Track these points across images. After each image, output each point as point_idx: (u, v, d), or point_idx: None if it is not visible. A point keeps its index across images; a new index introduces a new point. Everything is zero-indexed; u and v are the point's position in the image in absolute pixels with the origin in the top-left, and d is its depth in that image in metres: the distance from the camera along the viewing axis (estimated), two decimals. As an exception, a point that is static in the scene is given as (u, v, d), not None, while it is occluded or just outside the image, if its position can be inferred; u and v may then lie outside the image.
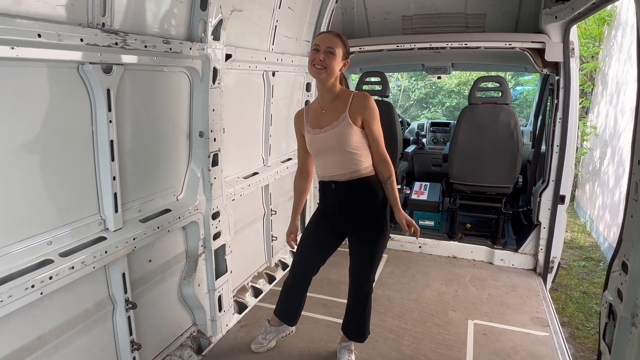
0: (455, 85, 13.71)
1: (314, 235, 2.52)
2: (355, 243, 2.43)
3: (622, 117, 6.24)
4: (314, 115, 2.36)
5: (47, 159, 1.80)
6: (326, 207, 2.45)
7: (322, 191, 2.43)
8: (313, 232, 2.53)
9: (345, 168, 2.28)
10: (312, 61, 2.20)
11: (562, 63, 3.60)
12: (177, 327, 2.74)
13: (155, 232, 2.33)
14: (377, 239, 2.37)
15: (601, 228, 6.41)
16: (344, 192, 2.32)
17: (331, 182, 2.34)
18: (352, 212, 2.36)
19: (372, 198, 2.32)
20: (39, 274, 1.70)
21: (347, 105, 2.25)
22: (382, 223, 2.36)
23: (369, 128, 2.27)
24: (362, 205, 2.33)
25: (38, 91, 1.72)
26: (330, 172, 2.33)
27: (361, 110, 2.24)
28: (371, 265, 2.42)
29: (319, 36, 2.26)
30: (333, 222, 2.44)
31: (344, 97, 2.29)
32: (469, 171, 4.23)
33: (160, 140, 2.44)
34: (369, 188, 2.31)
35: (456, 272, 4.02)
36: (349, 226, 2.42)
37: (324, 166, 2.35)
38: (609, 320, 1.91)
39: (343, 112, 2.25)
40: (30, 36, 1.54)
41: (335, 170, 2.30)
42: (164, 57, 2.24)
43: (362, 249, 2.39)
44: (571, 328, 4.35)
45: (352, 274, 2.49)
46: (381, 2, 4.40)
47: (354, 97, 2.27)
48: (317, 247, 2.52)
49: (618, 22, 7.00)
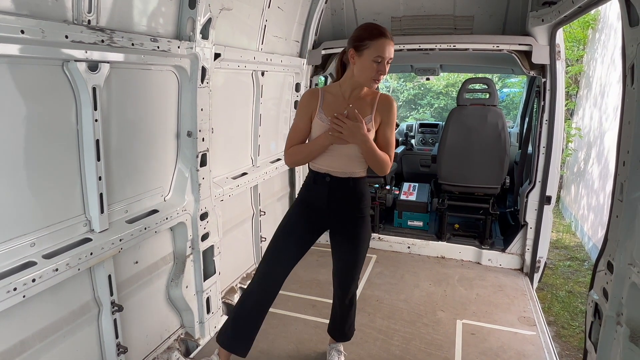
0: (443, 86, 13.83)
1: (295, 229, 2.30)
2: (341, 244, 2.33)
3: (606, 119, 6.36)
4: (334, 103, 2.15)
5: (31, 159, 1.75)
6: (313, 198, 2.26)
7: (312, 181, 2.26)
8: (294, 225, 2.31)
9: (349, 167, 2.18)
10: (374, 77, 2.03)
11: (549, 65, 3.65)
12: (165, 330, 2.71)
13: (142, 233, 2.29)
14: (364, 240, 2.31)
15: (586, 228, 6.52)
16: (337, 188, 2.20)
17: (326, 175, 2.19)
18: (340, 210, 2.25)
19: (363, 199, 2.27)
20: (21, 276, 1.65)
21: (374, 107, 2.15)
22: (368, 223, 2.31)
23: (385, 130, 2.18)
24: (352, 204, 2.25)
25: (21, 89, 1.67)
26: (331, 166, 2.18)
27: (385, 113, 2.16)
28: (358, 266, 2.36)
29: (381, 41, 1.99)
30: (315, 216, 2.28)
31: (371, 96, 2.18)
32: (457, 172, 4.26)
33: (147, 139, 2.40)
34: (361, 188, 2.25)
35: (445, 272, 4.04)
36: (333, 223, 2.30)
37: (326, 159, 2.18)
38: (595, 319, 1.94)
39: (369, 112, 2.14)
40: (13, 32, 1.50)
41: (338, 166, 2.18)
42: (151, 55, 2.21)
43: (349, 250, 2.31)
44: (557, 327, 4.41)
45: (339, 276, 2.42)
46: (370, 3, 4.41)
47: (381, 98, 2.17)
48: (296, 242, 2.30)
49: (602, 25, 7.14)
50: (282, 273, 2.29)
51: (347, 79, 2.15)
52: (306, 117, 2.17)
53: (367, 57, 2.00)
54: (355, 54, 2.04)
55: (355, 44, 2.03)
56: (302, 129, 2.20)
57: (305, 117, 2.17)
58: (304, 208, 2.31)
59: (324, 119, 2.13)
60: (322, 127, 2.12)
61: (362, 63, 2.03)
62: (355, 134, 2.04)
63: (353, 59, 2.06)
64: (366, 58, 2.01)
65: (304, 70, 4.23)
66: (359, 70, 2.05)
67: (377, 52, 1.98)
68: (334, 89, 2.20)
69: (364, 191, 2.27)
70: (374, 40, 1.98)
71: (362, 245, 2.31)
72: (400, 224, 4.73)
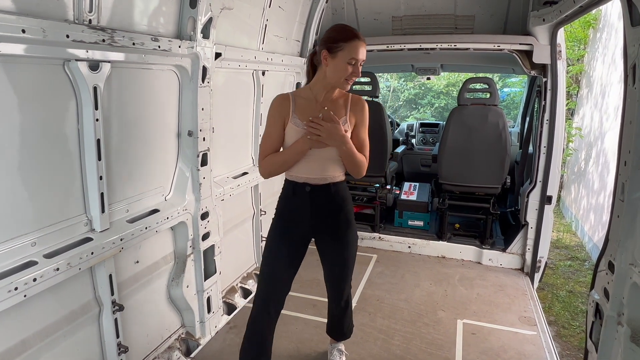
0: (444, 86, 13.81)
1: (282, 249, 2.19)
2: (329, 249, 2.27)
3: (607, 119, 6.35)
4: (306, 107, 2.08)
5: (32, 158, 1.75)
6: (294, 211, 2.17)
7: (291, 192, 2.15)
8: (280, 245, 2.20)
9: (327, 171, 2.11)
10: (347, 77, 2.00)
11: (550, 65, 3.64)
12: (165, 329, 2.71)
13: (142, 233, 2.29)
14: (352, 245, 2.26)
15: (586, 228, 6.51)
16: (318, 196, 2.12)
17: (305, 184, 2.11)
18: (324, 218, 2.17)
19: (345, 203, 2.20)
20: (22, 276, 1.66)
21: (347, 108, 2.13)
22: (354, 226, 2.26)
23: (359, 131, 2.16)
24: (336, 210, 2.18)
25: (22, 88, 1.67)
26: (309, 173, 2.10)
27: (359, 114, 2.15)
28: (349, 268, 2.32)
29: (355, 43, 1.96)
30: (300, 230, 2.19)
31: (343, 97, 2.15)
32: (458, 172, 4.26)
33: (148, 139, 2.40)
34: (343, 192, 2.19)
35: (445, 272, 4.04)
36: (319, 232, 2.22)
37: (303, 166, 2.09)
38: (596, 319, 1.94)
39: (344, 113, 2.11)
40: (14, 32, 1.50)
41: (316, 172, 2.10)
42: (152, 54, 2.21)
43: (338, 254, 2.26)
44: (557, 327, 4.41)
45: (331, 281, 2.37)
46: (371, 3, 4.41)
47: (353, 99, 2.16)
48: (289, 262, 2.22)
49: (603, 24, 7.13)
50: (282, 293, 2.25)
51: (318, 81, 2.09)
52: (279, 123, 2.08)
53: (341, 59, 1.97)
54: (329, 55, 1.99)
55: (328, 46, 1.98)
56: (275, 136, 2.09)
57: (278, 123, 2.08)
58: (285, 226, 2.20)
59: (299, 123, 2.04)
60: (298, 132, 2.04)
61: (335, 65, 1.98)
62: (334, 135, 1.99)
63: (326, 61, 2.00)
64: (340, 60, 1.97)
65: (304, 69, 4.23)
66: (332, 72, 2.01)
67: (351, 54, 1.95)
68: (304, 93, 2.13)
69: (346, 195, 2.21)
70: (348, 42, 1.95)
71: (351, 250, 2.27)
72: (401, 223, 4.73)
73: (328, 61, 2.00)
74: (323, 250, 2.30)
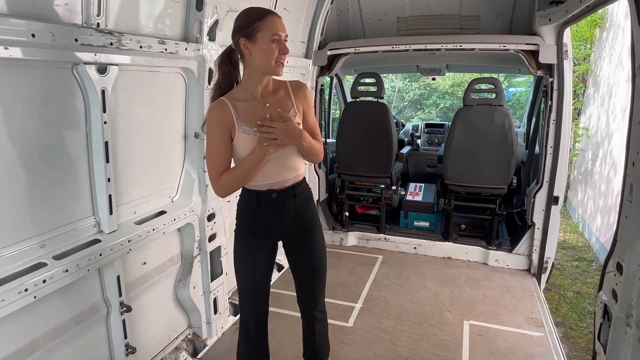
0: (449, 86, 13.78)
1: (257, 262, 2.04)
2: (298, 251, 2.09)
3: (614, 119, 6.31)
4: (250, 110, 1.85)
5: (41, 161, 1.77)
6: (260, 220, 1.98)
7: (255, 202, 1.95)
8: (255, 259, 2.03)
9: (291, 171, 1.95)
10: (277, 59, 1.79)
11: (556, 65, 3.62)
12: (172, 330, 2.72)
13: (150, 234, 2.31)
14: (320, 242, 2.11)
15: (593, 229, 6.47)
16: (285, 201, 1.95)
17: (270, 191, 1.92)
18: (292, 219, 2.00)
19: (310, 201, 2.07)
20: (32, 277, 1.68)
21: (291, 97, 1.94)
22: (319, 222, 2.14)
23: (308, 117, 2.00)
24: (302, 212, 2.02)
25: (31, 91, 1.70)
26: (272, 178, 1.91)
27: (304, 100, 1.97)
28: (323, 274, 2.15)
29: (270, 19, 1.77)
30: (269, 237, 2.03)
31: (282, 87, 1.95)
32: (464, 172, 4.24)
33: (155, 141, 2.42)
34: (306, 191, 2.06)
35: (451, 272, 4.03)
36: (285, 235, 2.05)
37: (266, 172, 1.89)
38: (604, 321, 1.92)
39: (291, 104, 1.93)
40: (24, 36, 1.52)
41: (278, 176, 1.92)
42: (159, 57, 2.23)
43: (310, 259, 2.08)
44: (565, 328, 4.38)
45: (305, 291, 2.15)
46: (376, 4, 4.41)
47: (292, 85, 1.96)
48: (265, 272, 2.09)
49: (610, 24, 7.08)
50: (266, 302, 2.13)
51: (249, 77, 1.87)
52: (225, 136, 1.83)
53: (263, 40, 1.76)
54: (248, 42, 1.77)
55: (244, 32, 1.77)
56: (224, 151, 1.85)
57: (224, 136, 1.83)
58: (254, 237, 2.01)
59: (248, 130, 1.83)
60: (249, 140, 1.83)
61: (260, 48, 1.77)
62: (290, 134, 1.82)
63: (248, 49, 1.78)
64: (262, 42, 1.76)
65: (309, 71, 4.25)
66: (260, 58, 1.79)
67: (271, 31, 1.75)
68: (240, 94, 1.87)
69: (309, 193, 2.08)
70: (262, 20, 1.76)
71: (321, 248, 2.12)
72: (407, 224, 4.72)
73: (250, 48, 1.78)
74: (293, 254, 2.12)
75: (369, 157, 4.46)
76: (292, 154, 1.93)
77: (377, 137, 4.39)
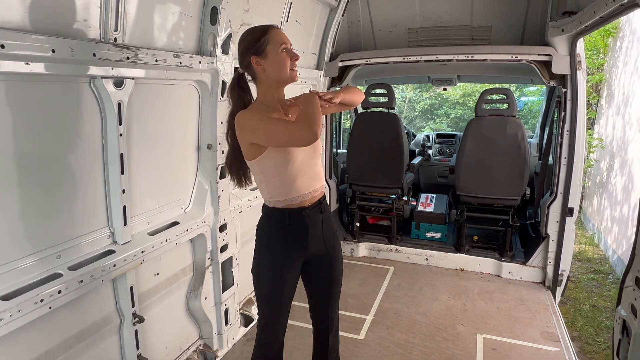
0: (460, 96, 13.73)
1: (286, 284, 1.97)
2: (319, 274, 2.05)
3: (630, 129, 6.21)
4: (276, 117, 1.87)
5: (58, 173, 1.81)
6: (289, 241, 1.92)
7: (287, 221, 1.90)
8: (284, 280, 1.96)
9: (318, 180, 1.96)
10: (291, 65, 1.84)
11: (569, 75, 3.59)
12: (184, 341, 2.72)
13: (163, 245, 2.33)
14: (340, 262, 2.10)
15: (609, 241, 6.34)
16: (314, 218, 1.94)
17: (302, 209, 1.89)
18: (318, 239, 1.98)
19: (332, 217, 2.06)
20: (48, 288, 1.70)
21: None
22: (339, 243, 2.13)
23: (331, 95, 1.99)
24: (328, 227, 2.01)
25: (50, 105, 1.73)
26: (305, 189, 1.89)
27: None
28: (339, 291, 2.12)
29: (274, 31, 1.84)
30: (297, 257, 1.96)
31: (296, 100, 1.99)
32: (476, 183, 4.21)
33: (169, 152, 2.45)
34: (328, 208, 2.04)
35: (464, 285, 3.98)
36: (312, 254, 1.99)
37: (296, 182, 1.87)
38: (623, 337, 1.88)
39: None
40: (44, 51, 1.56)
41: (310, 185, 1.91)
42: (173, 70, 2.26)
43: (329, 278, 2.06)
44: (581, 342, 4.28)
45: (320, 309, 2.12)
46: (387, 15, 4.44)
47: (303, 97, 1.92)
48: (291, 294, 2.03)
49: (624, 33, 7.01)
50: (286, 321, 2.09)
51: (266, 93, 1.89)
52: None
53: (274, 52, 1.81)
54: (260, 58, 1.82)
55: (253, 49, 1.82)
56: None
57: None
58: (282, 260, 1.93)
59: None
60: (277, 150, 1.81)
61: (272, 61, 1.82)
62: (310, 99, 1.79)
63: (260, 65, 1.83)
64: (273, 53, 1.81)
65: (321, 82, 4.27)
66: (274, 70, 1.83)
67: (278, 42, 1.82)
68: (261, 108, 1.87)
69: (329, 210, 2.07)
70: (268, 33, 1.82)
71: (340, 266, 2.11)
72: (418, 235, 4.69)
73: (263, 64, 1.83)
74: (313, 272, 2.06)
75: (380, 167, 4.45)
76: (319, 162, 1.98)
77: (388, 148, 4.38)
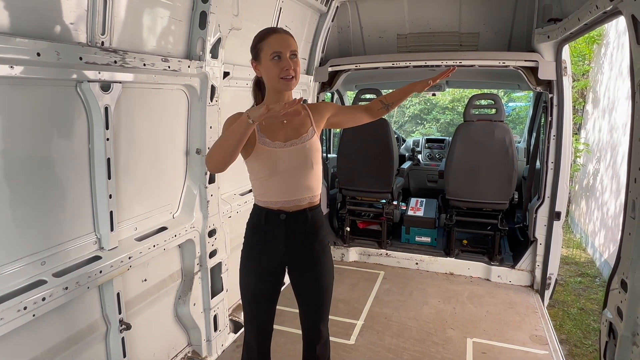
0: (449, 101, 13.88)
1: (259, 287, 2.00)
2: (304, 283, 2.03)
3: (616, 133, 6.33)
4: (270, 124, 1.88)
5: (43, 177, 1.78)
6: (266, 242, 1.95)
7: (263, 221, 1.93)
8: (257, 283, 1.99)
9: (307, 190, 1.92)
10: (278, 74, 1.80)
11: (555, 81, 3.65)
12: (172, 348, 2.69)
13: (150, 251, 2.30)
14: (329, 273, 2.05)
15: (596, 244, 6.43)
16: (295, 224, 1.92)
17: (280, 212, 1.91)
18: (298, 245, 1.96)
19: (321, 229, 2.01)
20: (31, 295, 1.66)
21: (310, 117, 1.97)
22: (329, 252, 2.08)
23: (341, 112, 2.09)
24: (311, 240, 1.97)
25: (36, 109, 1.71)
26: (288, 195, 1.90)
27: (323, 109, 2.04)
28: (328, 302, 2.07)
29: (271, 37, 1.83)
30: (273, 261, 1.98)
31: (303, 109, 1.99)
32: (465, 187, 4.24)
33: (157, 157, 2.43)
34: (319, 217, 2.00)
35: (453, 289, 3.99)
36: (293, 261, 2.00)
37: (278, 189, 1.89)
38: (610, 339, 1.90)
39: (309, 123, 1.95)
40: (29, 55, 1.53)
41: (295, 193, 1.90)
42: (162, 75, 2.25)
43: (315, 288, 2.02)
44: (569, 345, 4.32)
45: (308, 318, 2.08)
46: (376, 21, 4.47)
47: (311, 107, 2.03)
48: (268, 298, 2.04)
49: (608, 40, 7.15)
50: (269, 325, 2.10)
51: (268, 95, 1.92)
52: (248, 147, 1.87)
53: (265, 60, 1.82)
54: (257, 63, 1.87)
55: (253, 54, 1.87)
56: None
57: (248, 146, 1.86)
58: (258, 259, 1.97)
59: (268, 142, 1.87)
60: (267, 152, 1.86)
61: (264, 67, 1.84)
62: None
63: (258, 70, 1.88)
64: (265, 60, 1.82)
65: (311, 87, 4.28)
66: (265, 77, 1.86)
67: (271, 49, 1.80)
68: None
69: (322, 222, 2.03)
70: (263, 40, 1.83)
71: (328, 279, 2.05)
72: (408, 239, 4.70)
73: (259, 69, 1.88)
74: (297, 282, 2.05)
75: (370, 172, 4.47)
76: (309, 174, 1.92)
77: (378, 152, 4.40)
